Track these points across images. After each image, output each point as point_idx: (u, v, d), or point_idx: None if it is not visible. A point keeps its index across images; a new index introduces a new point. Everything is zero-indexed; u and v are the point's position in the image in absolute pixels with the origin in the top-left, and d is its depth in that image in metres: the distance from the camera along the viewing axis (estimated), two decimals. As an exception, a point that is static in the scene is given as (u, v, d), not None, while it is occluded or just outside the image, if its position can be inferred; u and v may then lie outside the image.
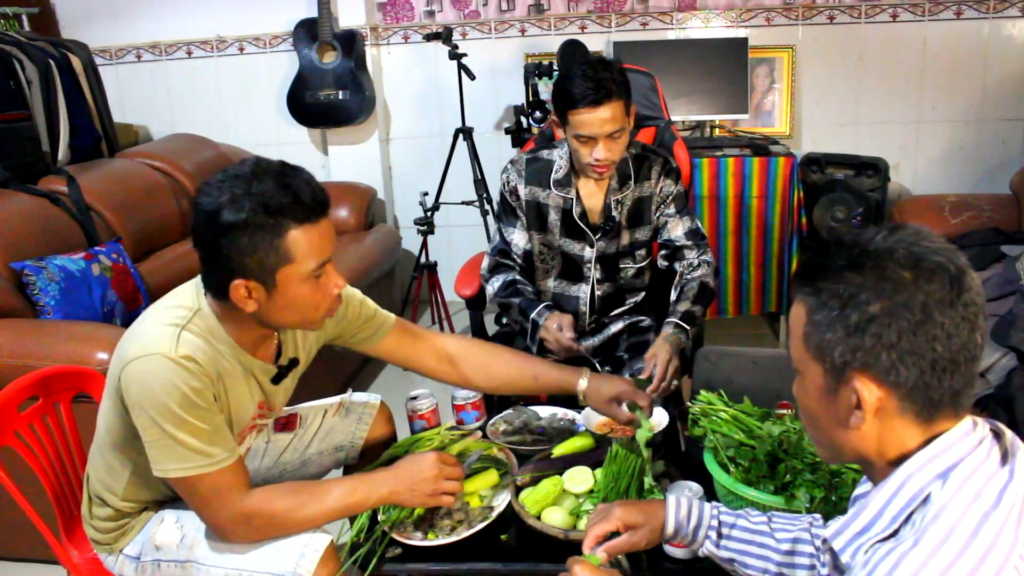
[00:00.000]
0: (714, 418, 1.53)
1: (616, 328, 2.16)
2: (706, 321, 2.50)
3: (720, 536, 1.21)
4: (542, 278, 2.16)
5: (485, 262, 2.16)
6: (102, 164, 3.12)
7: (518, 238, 2.11)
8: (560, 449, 1.64)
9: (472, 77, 3.39)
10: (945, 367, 0.82)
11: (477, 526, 1.44)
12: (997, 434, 0.86)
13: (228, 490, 1.31)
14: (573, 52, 3.24)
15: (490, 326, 2.38)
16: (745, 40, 3.49)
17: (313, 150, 3.98)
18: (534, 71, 3.38)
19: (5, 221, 2.45)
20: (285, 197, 1.23)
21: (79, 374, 1.74)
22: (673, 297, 2.01)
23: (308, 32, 3.61)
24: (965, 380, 0.83)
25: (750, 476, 1.40)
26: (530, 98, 3.44)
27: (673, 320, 1.93)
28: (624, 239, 2.09)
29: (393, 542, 1.44)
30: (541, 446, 1.70)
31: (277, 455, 1.72)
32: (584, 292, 2.12)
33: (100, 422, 1.44)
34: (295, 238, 1.25)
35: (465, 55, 3.41)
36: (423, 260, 3.61)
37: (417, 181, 3.77)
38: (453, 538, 1.42)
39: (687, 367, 2.15)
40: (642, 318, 2.16)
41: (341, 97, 3.62)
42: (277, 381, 1.48)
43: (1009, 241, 2.78)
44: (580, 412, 1.77)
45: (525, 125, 3.46)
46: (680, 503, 1.23)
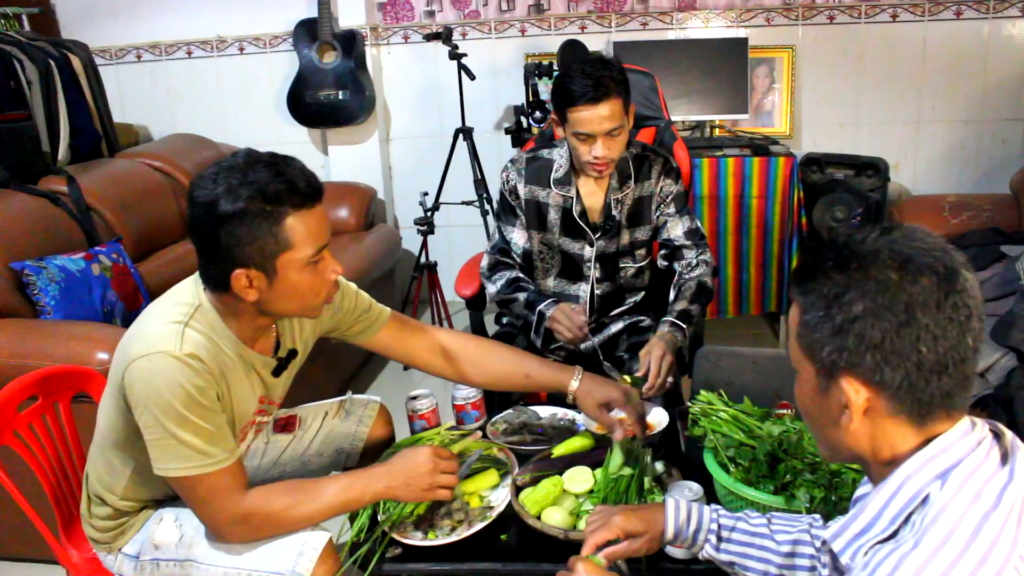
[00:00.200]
0: (714, 418, 1.53)
1: (616, 328, 2.16)
2: (706, 321, 2.51)
3: (720, 539, 1.20)
4: (542, 277, 2.16)
5: (485, 261, 2.16)
6: (102, 164, 3.12)
7: (517, 237, 2.12)
8: (560, 449, 1.64)
9: (472, 77, 3.39)
10: (932, 368, 0.81)
11: (477, 526, 1.44)
12: (997, 435, 0.86)
13: (227, 491, 1.31)
14: (573, 52, 3.24)
15: (490, 326, 2.38)
16: (745, 40, 3.49)
17: (313, 150, 3.98)
18: (534, 71, 3.38)
19: (5, 221, 2.45)
20: (281, 184, 1.24)
21: (79, 374, 1.74)
22: (671, 296, 2.01)
23: (308, 32, 3.60)
24: (956, 382, 0.82)
25: (750, 476, 1.40)
26: (530, 98, 3.44)
27: (669, 319, 1.93)
28: (624, 238, 2.09)
29: (393, 542, 1.44)
30: (541, 446, 1.70)
31: (276, 456, 1.72)
32: (584, 291, 2.12)
33: (101, 420, 1.44)
34: (293, 224, 1.26)
35: (465, 55, 3.40)
36: (423, 260, 3.61)
37: (417, 181, 3.77)
38: (453, 538, 1.42)
39: (686, 367, 2.15)
40: (642, 318, 2.16)
41: (341, 97, 3.62)
42: (277, 373, 1.49)
43: (1009, 241, 2.78)
44: (579, 412, 1.76)
45: (525, 125, 3.46)
46: (679, 507, 1.22)
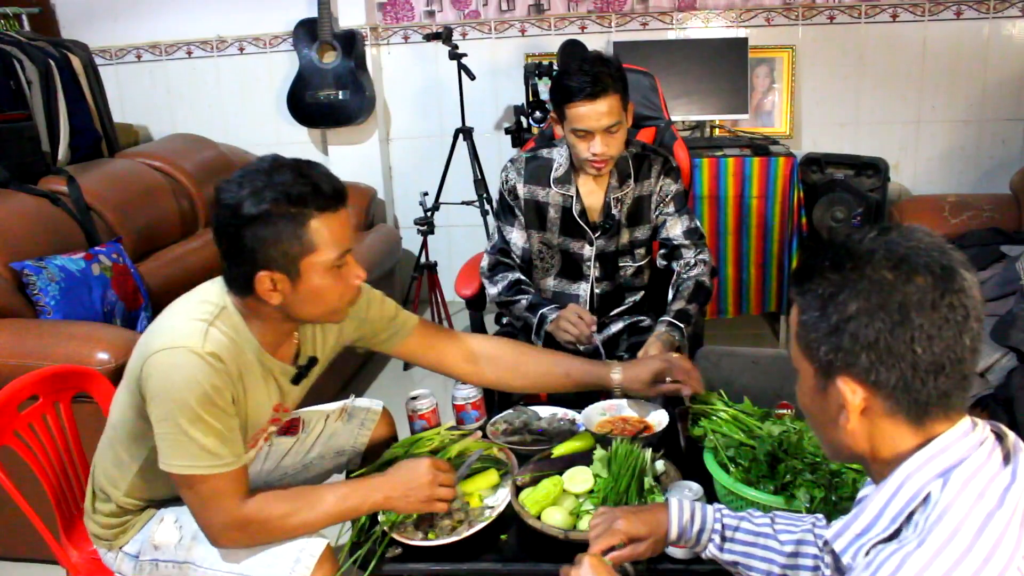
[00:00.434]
0: (714, 418, 1.53)
1: (616, 328, 2.16)
2: (706, 321, 2.51)
3: (724, 539, 1.20)
4: (541, 277, 2.16)
5: (485, 261, 2.16)
6: (102, 164, 3.12)
7: (516, 237, 2.12)
8: (560, 449, 1.64)
9: (472, 77, 3.39)
10: (928, 369, 0.81)
11: (477, 526, 1.44)
12: (999, 436, 0.86)
13: (228, 495, 1.31)
14: (573, 52, 3.24)
15: (490, 326, 2.38)
16: (745, 40, 3.49)
17: (313, 150, 3.98)
18: (534, 71, 3.38)
19: (5, 221, 2.45)
20: (305, 187, 1.25)
21: (79, 374, 1.74)
22: (670, 296, 2.02)
23: (308, 32, 3.60)
24: (954, 382, 0.82)
25: (750, 476, 1.40)
26: (530, 98, 3.44)
27: (667, 319, 1.93)
28: (624, 237, 2.09)
29: (393, 542, 1.44)
30: (541, 446, 1.69)
31: (279, 459, 1.72)
32: (584, 291, 2.13)
33: (114, 414, 1.44)
34: (317, 227, 1.27)
35: (465, 55, 3.40)
36: (423, 260, 3.61)
37: (417, 181, 3.77)
38: (453, 538, 1.42)
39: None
40: (642, 318, 2.16)
41: (341, 97, 3.62)
42: (297, 381, 1.48)
43: (1009, 241, 2.78)
44: (580, 412, 1.76)
45: (525, 125, 3.46)
46: (683, 508, 1.21)
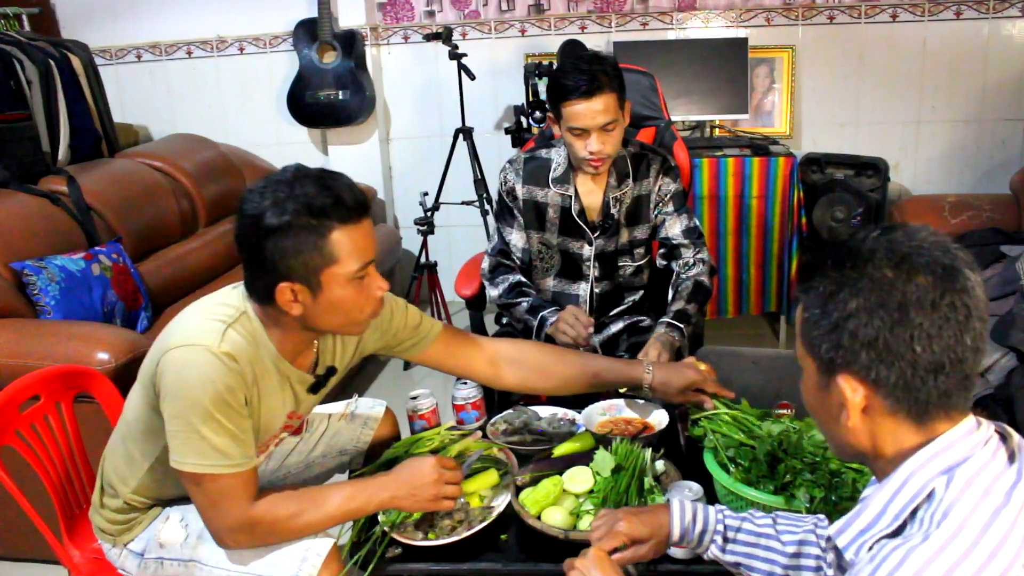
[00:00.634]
0: (714, 418, 1.54)
1: (616, 328, 2.16)
2: (706, 321, 2.51)
3: (726, 540, 1.19)
4: (541, 277, 2.16)
5: (485, 263, 2.16)
6: (102, 164, 3.12)
7: (516, 238, 2.12)
8: (560, 449, 1.64)
9: (472, 77, 3.39)
10: (928, 368, 0.81)
11: (477, 526, 1.44)
12: (1003, 436, 0.86)
13: (236, 496, 1.31)
14: (573, 52, 3.24)
15: (490, 326, 2.38)
16: (745, 40, 3.49)
17: (313, 150, 3.98)
18: (534, 71, 3.38)
19: (5, 221, 2.46)
20: (327, 198, 1.25)
21: (81, 374, 1.75)
22: (669, 297, 2.02)
23: (308, 32, 3.60)
24: (955, 382, 0.82)
25: (750, 476, 1.40)
26: (530, 98, 3.44)
27: (666, 320, 1.94)
28: (623, 237, 2.09)
29: (393, 542, 1.44)
30: (541, 446, 1.69)
31: (282, 458, 1.72)
32: (583, 291, 2.13)
33: (128, 410, 1.44)
34: (338, 239, 1.26)
35: (465, 55, 3.41)
36: (423, 260, 3.61)
37: (417, 181, 3.77)
38: (453, 538, 1.42)
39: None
40: (642, 318, 2.17)
41: (341, 97, 3.62)
42: (315, 390, 1.48)
43: (1009, 241, 2.78)
44: (580, 412, 1.77)
45: (525, 125, 3.46)
46: (684, 509, 1.21)
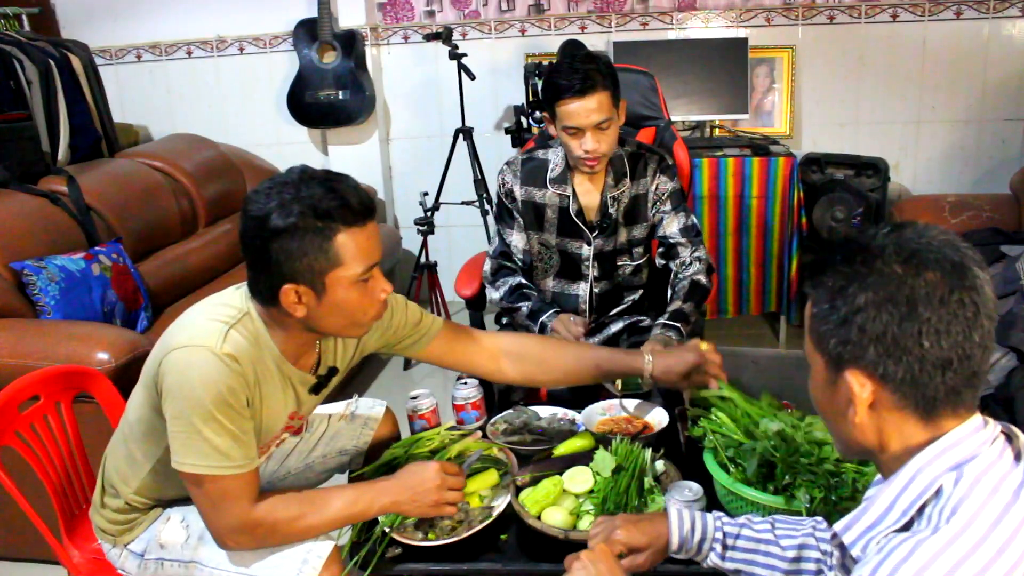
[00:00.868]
0: (714, 418, 1.53)
1: (616, 328, 2.16)
2: (706, 321, 2.51)
3: (725, 547, 1.19)
4: (541, 278, 2.16)
5: (487, 265, 2.16)
6: (102, 164, 3.12)
7: (517, 239, 2.12)
8: (560, 449, 1.64)
9: (472, 77, 3.39)
10: (936, 364, 0.81)
11: (477, 526, 1.44)
12: (1009, 436, 0.86)
13: (237, 497, 1.30)
14: (573, 52, 3.24)
15: (490, 326, 2.38)
16: (745, 40, 3.49)
17: (313, 150, 3.98)
18: (534, 71, 3.38)
19: (5, 221, 2.46)
20: (333, 201, 1.24)
21: (80, 374, 1.75)
22: (668, 297, 2.03)
23: (308, 32, 3.60)
24: (962, 379, 0.82)
25: (750, 476, 1.40)
26: (530, 98, 3.44)
27: (663, 320, 1.96)
28: (621, 236, 2.09)
29: (393, 542, 1.44)
30: (541, 446, 1.69)
31: (282, 458, 1.72)
32: (583, 291, 2.13)
33: (130, 410, 1.44)
34: (343, 241, 1.26)
35: (465, 55, 3.40)
36: (423, 260, 3.61)
37: (417, 181, 3.77)
38: (453, 538, 1.42)
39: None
40: (642, 318, 2.17)
41: (341, 97, 3.62)
42: (317, 391, 1.48)
43: (1009, 241, 2.78)
44: (580, 412, 1.77)
45: (525, 125, 3.46)
46: (683, 518, 1.20)
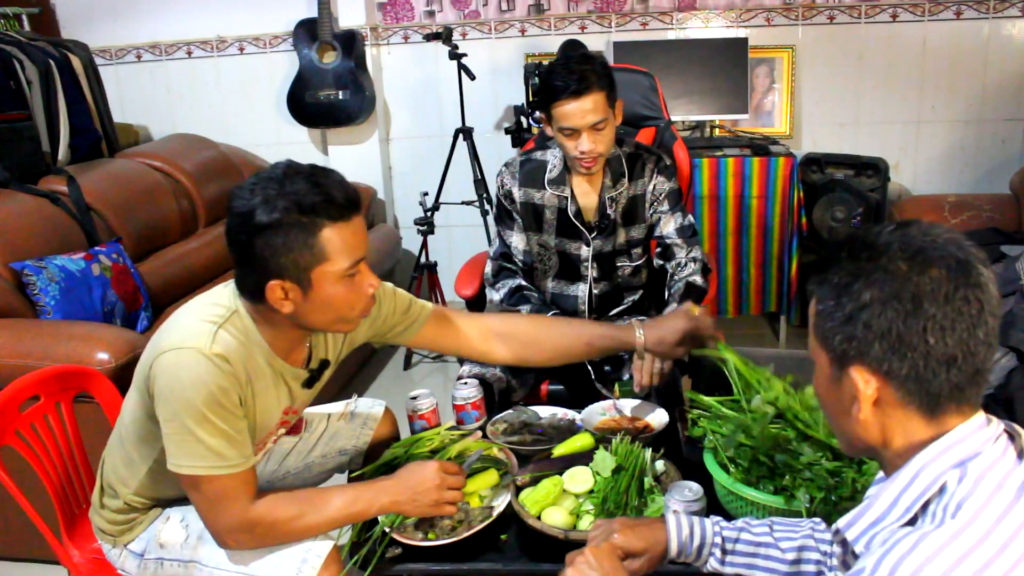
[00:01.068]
0: (713, 418, 1.53)
1: (616, 328, 2.16)
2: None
3: (724, 552, 1.18)
4: (541, 279, 2.17)
5: (488, 267, 2.16)
6: (102, 164, 3.12)
7: (517, 241, 2.12)
8: (560, 449, 1.64)
9: (472, 77, 3.39)
10: (940, 360, 0.81)
11: (477, 526, 1.44)
12: (1011, 435, 0.86)
13: (234, 496, 1.31)
14: (573, 52, 3.24)
15: (490, 326, 2.38)
16: (745, 40, 3.49)
17: (313, 150, 3.98)
18: (534, 71, 3.38)
19: (5, 221, 2.46)
20: (318, 196, 1.24)
21: (81, 374, 1.75)
22: (665, 299, 2.03)
23: (308, 32, 3.60)
24: (967, 376, 0.83)
25: (750, 476, 1.40)
26: (530, 98, 3.44)
27: None
28: (620, 237, 2.09)
29: (393, 542, 1.44)
30: (541, 446, 1.69)
31: (281, 458, 1.72)
32: (582, 291, 2.13)
33: (125, 413, 1.44)
34: (328, 236, 1.26)
35: (465, 55, 3.41)
36: (423, 260, 3.61)
37: (417, 181, 3.77)
38: (453, 538, 1.42)
39: (686, 367, 2.15)
40: (642, 318, 2.16)
41: (341, 97, 3.62)
42: (309, 385, 1.48)
43: (1009, 241, 2.78)
44: (580, 412, 1.77)
45: (525, 125, 3.46)
46: (681, 523, 1.19)
